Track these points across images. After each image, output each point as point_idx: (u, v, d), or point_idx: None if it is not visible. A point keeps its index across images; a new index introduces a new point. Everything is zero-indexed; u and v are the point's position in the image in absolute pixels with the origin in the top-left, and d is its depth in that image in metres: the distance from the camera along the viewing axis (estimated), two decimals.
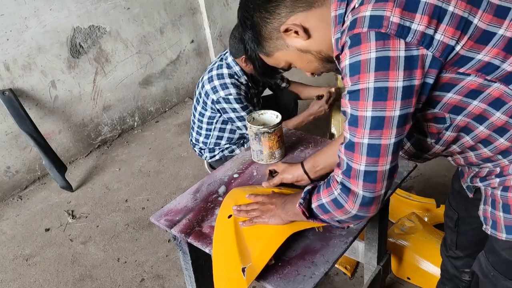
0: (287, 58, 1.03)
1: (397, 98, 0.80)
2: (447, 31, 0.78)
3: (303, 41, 0.96)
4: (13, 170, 2.75)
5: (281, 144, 1.55)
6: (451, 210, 1.31)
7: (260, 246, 1.13)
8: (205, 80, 2.23)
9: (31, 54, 2.68)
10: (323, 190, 0.99)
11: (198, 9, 3.62)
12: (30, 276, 2.14)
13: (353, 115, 0.85)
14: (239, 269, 1.08)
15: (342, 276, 1.92)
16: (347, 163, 0.90)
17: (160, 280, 2.03)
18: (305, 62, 1.02)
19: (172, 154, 3.03)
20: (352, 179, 0.89)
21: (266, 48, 1.02)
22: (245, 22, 1.00)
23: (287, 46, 0.99)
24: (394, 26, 0.77)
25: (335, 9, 0.90)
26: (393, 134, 0.83)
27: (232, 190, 1.39)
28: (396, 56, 0.78)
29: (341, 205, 0.94)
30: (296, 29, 0.94)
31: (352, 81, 0.83)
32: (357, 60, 0.80)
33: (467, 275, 1.38)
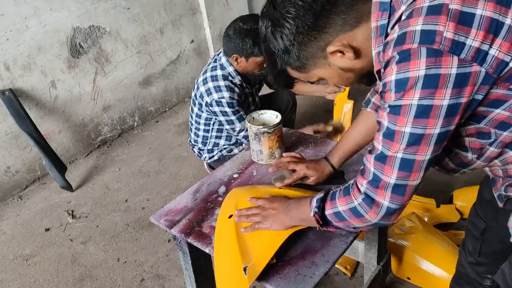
0: (324, 75, 0.97)
1: (440, 117, 0.77)
2: (503, 46, 0.74)
3: (349, 61, 0.91)
4: (13, 170, 2.75)
5: (281, 144, 1.55)
6: (478, 218, 1.26)
7: (261, 245, 1.13)
8: (200, 82, 2.23)
9: (31, 54, 2.68)
10: (340, 197, 0.98)
11: (198, 9, 3.62)
12: (30, 276, 2.14)
13: (390, 129, 0.83)
14: (240, 268, 1.08)
15: (342, 276, 1.92)
16: (374, 174, 0.88)
17: (160, 280, 2.03)
18: (343, 79, 0.98)
19: (172, 154, 3.03)
20: (380, 190, 0.88)
21: (303, 65, 0.95)
22: (281, 34, 0.91)
23: (329, 64, 0.93)
24: (448, 42, 0.73)
25: (376, 20, 0.85)
26: (429, 151, 0.82)
27: (232, 190, 1.39)
28: (447, 74, 0.74)
29: (360, 215, 0.93)
30: (345, 50, 0.88)
31: (396, 96, 0.79)
32: (405, 77, 0.76)
33: (488, 281, 1.33)
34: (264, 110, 1.63)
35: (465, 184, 2.31)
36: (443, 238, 1.87)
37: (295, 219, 1.12)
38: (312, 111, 2.75)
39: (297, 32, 0.89)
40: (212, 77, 2.18)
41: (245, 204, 1.26)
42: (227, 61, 2.20)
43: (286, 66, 0.97)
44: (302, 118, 3.08)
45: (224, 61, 2.20)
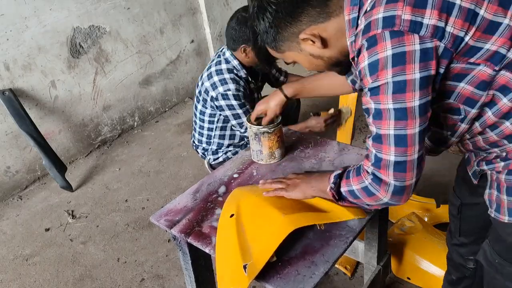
0: (296, 58, 1.08)
1: (416, 89, 0.85)
2: (456, 23, 0.83)
3: (318, 49, 1.02)
4: (13, 170, 2.76)
5: (281, 144, 1.55)
6: (455, 197, 1.35)
7: (261, 243, 1.13)
8: (205, 77, 2.21)
9: (31, 54, 2.68)
10: (353, 177, 1.04)
11: (198, 9, 3.62)
12: (30, 276, 2.14)
13: (376, 109, 0.90)
14: (240, 266, 1.09)
15: (342, 276, 1.92)
16: (375, 155, 0.94)
17: (160, 280, 2.03)
18: (313, 65, 1.08)
19: (172, 154, 3.03)
20: (383, 169, 0.94)
21: (279, 45, 1.06)
22: (263, 16, 1.02)
23: (301, 49, 1.04)
24: (407, 23, 0.82)
25: (348, 13, 0.95)
26: (417, 124, 0.88)
27: (234, 190, 1.39)
28: (411, 50, 0.82)
29: (372, 194, 0.99)
30: (314, 40, 0.99)
31: (372, 79, 0.87)
32: (376, 59, 0.85)
33: (471, 263, 1.40)
34: None
35: None
36: (443, 238, 1.87)
37: (314, 189, 1.20)
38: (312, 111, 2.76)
39: (275, 16, 1.00)
40: (217, 71, 2.16)
41: (247, 204, 1.26)
42: (231, 55, 2.18)
43: (264, 44, 1.08)
44: (302, 118, 3.06)
45: (229, 55, 2.18)
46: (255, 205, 1.25)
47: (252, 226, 1.19)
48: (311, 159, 1.56)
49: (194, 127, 2.45)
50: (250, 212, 1.23)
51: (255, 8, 1.04)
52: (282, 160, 1.57)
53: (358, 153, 1.56)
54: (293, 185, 1.25)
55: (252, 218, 1.21)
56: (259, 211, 1.23)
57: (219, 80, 2.14)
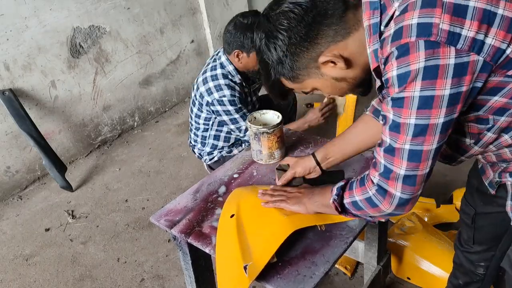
0: (317, 85, 1.00)
1: (443, 106, 0.79)
2: (498, 35, 0.77)
3: (341, 71, 0.94)
4: (13, 170, 2.75)
5: (281, 145, 1.55)
6: (468, 206, 1.30)
7: (261, 244, 1.13)
8: (200, 82, 2.21)
9: (31, 54, 2.68)
10: (357, 188, 1.01)
11: (198, 9, 3.62)
12: (30, 276, 2.14)
13: (395, 121, 0.85)
14: (241, 267, 1.08)
15: (342, 276, 1.92)
16: (385, 166, 0.91)
17: (160, 280, 2.03)
18: (336, 89, 1.00)
19: (172, 154, 3.03)
20: (391, 181, 0.90)
21: (296, 75, 0.97)
22: (275, 45, 0.93)
23: (322, 75, 0.96)
24: (444, 34, 0.75)
25: (369, 18, 0.88)
26: (436, 140, 0.84)
27: (234, 190, 1.39)
28: (445, 64, 0.76)
29: (375, 205, 0.96)
30: (336, 61, 0.91)
31: (398, 90, 0.81)
32: (406, 71, 0.79)
33: (481, 269, 1.38)
34: (266, 110, 1.63)
35: (465, 184, 2.30)
36: (443, 238, 1.87)
37: (317, 204, 1.16)
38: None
39: (289, 43, 0.91)
40: (212, 77, 2.17)
41: (247, 204, 1.26)
42: (227, 60, 2.18)
43: (280, 77, 0.99)
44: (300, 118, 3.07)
45: (224, 60, 2.18)
46: (255, 205, 1.25)
47: (252, 226, 1.19)
48: None
49: (190, 128, 2.46)
50: (250, 212, 1.23)
51: (263, 39, 0.95)
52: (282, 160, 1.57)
53: None
54: (295, 198, 1.21)
55: (252, 218, 1.21)
56: (259, 211, 1.22)
57: (214, 86, 2.15)
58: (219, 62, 2.20)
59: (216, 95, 2.14)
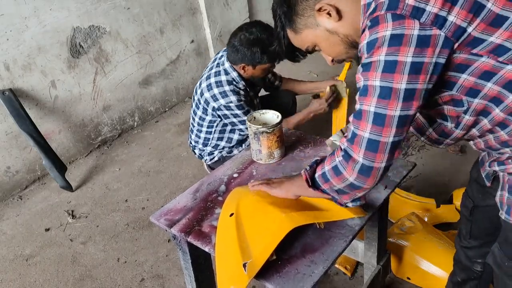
0: (314, 37, 1.06)
1: (404, 72, 0.85)
2: (460, 14, 0.83)
3: (334, 22, 1.01)
4: (13, 170, 2.76)
5: (280, 144, 1.55)
6: (467, 199, 1.34)
7: (260, 242, 1.13)
8: (204, 87, 2.22)
9: (31, 54, 2.68)
10: (328, 159, 1.06)
11: (198, 9, 3.62)
12: (30, 276, 2.14)
13: (364, 85, 0.91)
14: (240, 264, 1.09)
15: (342, 275, 1.92)
16: (352, 131, 0.95)
17: (160, 280, 2.03)
18: (331, 44, 1.06)
19: (172, 154, 3.03)
20: (355, 145, 0.94)
21: (296, 24, 1.05)
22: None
23: (317, 25, 1.03)
24: (409, 8, 0.83)
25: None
26: (399, 107, 0.88)
27: (234, 189, 1.40)
28: (410, 34, 0.83)
29: (340, 172, 1.00)
30: (329, 9, 0.98)
31: (367, 55, 0.88)
32: (375, 38, 0.86)
33: (479, 266, 1.39)
34: (266, 110, 1.63)
35: (465, 184, 2.29)
36: (443, 238, 1.87)
37: (295, 184, 1.21)
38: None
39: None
40: (217, 83, 2.18)
41: (247, 203, 1.26)
42: (230, 67, 2.20)
43: (286, 27, 1.08)
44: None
45: (228, 67, 2.20)
46: (254, 204, 1.25)
47: (251, 225, 1.19)
48: (311, 159, 1.56)
49: (191, 128, 2.47)
50: (249, 211, 1.23)
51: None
52: (282, 160, 1.57)
53: None
54: (278, 183, 1.27)
55: (251, 217, 1.21)
56: (258, 210, 1.23)
57: (220, 93, 2.17)
58: (222, 68, 2.22)
59: (222, 101, 2.17)
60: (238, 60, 2.14)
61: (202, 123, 2.34)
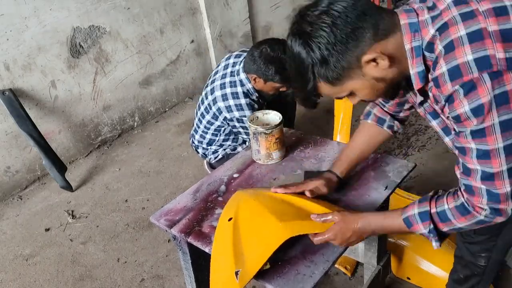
0: (356, 87, 0.99)
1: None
2: None
3: (383, 70, 0.95)
4: (13, 170, 2.75)
5: (280, 146, 1.54)
6: None
7: (255, 250, 1.12)
8: (218, 96, 2.21)
9: (31, 54, 2.68)
10: (458, 217, 1.02)
11: (198, 9, 3.62)
12: (30, 276, 2.14)
13: (482, 150, 0.90)
14: (232, 272, 1.08)
15: (342, 276, 1.92)
16: (489, 191, 0.94)
17: (160, 280, 2.03)
18: (374, 91, 1.00)
19: (172, 154, 3.03)
20: (503, 202, 0.94)
21: (339, 76, 0.96)
22: (319, 45, 0.92)
23: (363, 75, 0.96)
24: (503, 62, 0.82)
25: (410, 41, 0.93)
26: None
27: (236, 192, 1.38)
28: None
29: (486, 222, 1.00)
30: (382, 58, 0.92)
31: (477, 121, 0.87)
32: (479, 104, 0.84)
33: (482, 260, 1.38)
34: (268, 110, 1.63)
35: None
36: None
37: (377, 232, 1.19)
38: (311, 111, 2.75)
39: (335, 41, 0.91)
40: (233, 94, 2.18)
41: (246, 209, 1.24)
42: (246, 78, 2.19)
43: (320, 80, 0.97)
44: (302, 118, 3.07)
45: (244, 78, 2.20)
46: (253, 210, 1.23)
47: (248, 231, 1.17)
48: (311, 159, 1.56)
49: (195, 129, 2.45)
50: (247, 217, 1.21)
51: (300, 42, 0.94)
52: (282, 160, 1.57)
53: None
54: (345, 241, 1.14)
55: (249, 224, 1.19)
56: (257, 216, 1.20)
57: (235, 105, 2.17)
58: (238, 78, 2.21)
59: (236, 113, 2.17)
60: (252, 71, 2.14)
61: (209, 127, 2.33)
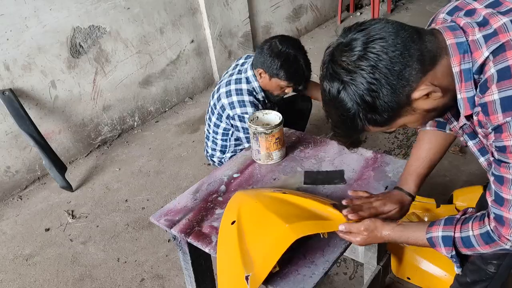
0: (407, 122, 0.93)
1: None
2: None
3: (434, 100, 0.88)
4: (13, 170, 2.76)
5: (280, 146, 1.54)
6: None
7: (263, 253, 1.10)
8: (222, 93, 2.17)
9: (31, 54, 2.68)
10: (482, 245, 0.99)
11: (198, 9, 3.62)
12: (30, 276, 2.14)
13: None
14: (242, 276, 1.06)
15: (342, 276, 1.92)
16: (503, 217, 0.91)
17: (160, 280, 2.03)
18: (425, 120, 0.95)
19: (172, 154, 3.03)
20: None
21: (390, 118, 0.89)
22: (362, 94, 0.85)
23: (414, 110, 0.89)
24: None
25: (459, 64, 0.85)
26: None
27: (236, 193, 1.37)
28: None
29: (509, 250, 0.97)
30: (435, 91, 0.86)
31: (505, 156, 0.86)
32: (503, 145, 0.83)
33: (493, 267, 1.37)
34: (269, 111, 1.63)
35: (465, 184, 2.31)
36: None
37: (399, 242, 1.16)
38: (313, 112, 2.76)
39: (380, 86, 0.84)
40: (237, 91, 2.13)
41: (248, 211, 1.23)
42: (253, 76, 2.14)
43: (368, 125, 0.91)
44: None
45: (251, 75, 2.15)
46: (256, 212, 1.21)
47: (253, 234, 1.16)
48: (311, 159, 1.56)
49: (206, 135, 2.39)
50: (251, 220, 1.20)
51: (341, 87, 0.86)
52: (282, 160, 1.57)
53: (358, 153, 1.56)
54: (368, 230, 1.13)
55: (253, 226, 1.18)
56: (260, 218, 1.19)
57: (238, 101, 2.11)
58: (244, 76, 2.17)
59: (238, 110, 2.11)
60: (259, 64, 2.09)
61: (217, 130, 2.28)
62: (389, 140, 2.83)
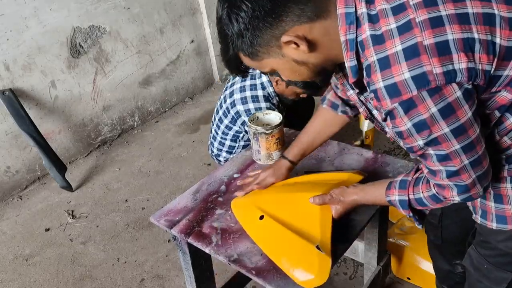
0: (276, 66, 0.95)
1: (473, 123, 0.83)
2: (482, 59, 0.79)
3: (303, 54, 0.90)
4: (13, 170, 2.76)
5: (280, 146, 1.54)
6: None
7: (314, 223, 1.17)
8: (237, 99, 2.17)
9: (31, 54, 2.68)
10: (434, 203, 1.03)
11: (198, 9, 3.62)
12: (30, 276, 2.14)
13: (440, 155, 0.88)
14: (312, 249, 1.09)
15: (342, 276, 1.93)
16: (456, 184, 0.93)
17: (160, 280, 2.03)
18: (295, 73, 0.97)
19: (172, 154, 3.03)
20: (472, 189, 0.93)
21: (256, 51, 0.92)
22: (237, 16, 0.87)
23: (282, 55, 0.91)
24: (441, 77, 0.77)
25: (345, 33, 0.86)
26: (477, 131, 0.86)
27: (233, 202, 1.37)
28: (455, 98, 0.79)
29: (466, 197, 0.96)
30: (299, 43, 0.87)
31: (424, 135, 0.85)
32: (421, 119, 0.82)
33: (459, 267, 1.39)
34: (269, 111, 1.63)
35: None
36: None
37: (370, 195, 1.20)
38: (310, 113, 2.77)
39: (253, 16, 0.85)
40: (253, 97, 2.13)
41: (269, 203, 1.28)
42: (268, 81, 2.14)
43: (238, 51, 0.93)
44: None
45: (265, 81, 2.14)
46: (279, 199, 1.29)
47: (293, 215, 1.21)
48: (311, 159, 1.56)
49: (214, 136, 2.39)
50: (279, 207, 1.25)
51: (225, 9, 0.88)
52: None
53: (358, 153, 1.56)
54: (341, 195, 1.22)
55: (287, 210, 1.23)
56: (288, 201, 1.26)
57: (255, 108, 2.12)
58: (259, 81, 2.16)
59: None
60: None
61: (228, 132, 2.28)
62: (389, 140, 2.83)
